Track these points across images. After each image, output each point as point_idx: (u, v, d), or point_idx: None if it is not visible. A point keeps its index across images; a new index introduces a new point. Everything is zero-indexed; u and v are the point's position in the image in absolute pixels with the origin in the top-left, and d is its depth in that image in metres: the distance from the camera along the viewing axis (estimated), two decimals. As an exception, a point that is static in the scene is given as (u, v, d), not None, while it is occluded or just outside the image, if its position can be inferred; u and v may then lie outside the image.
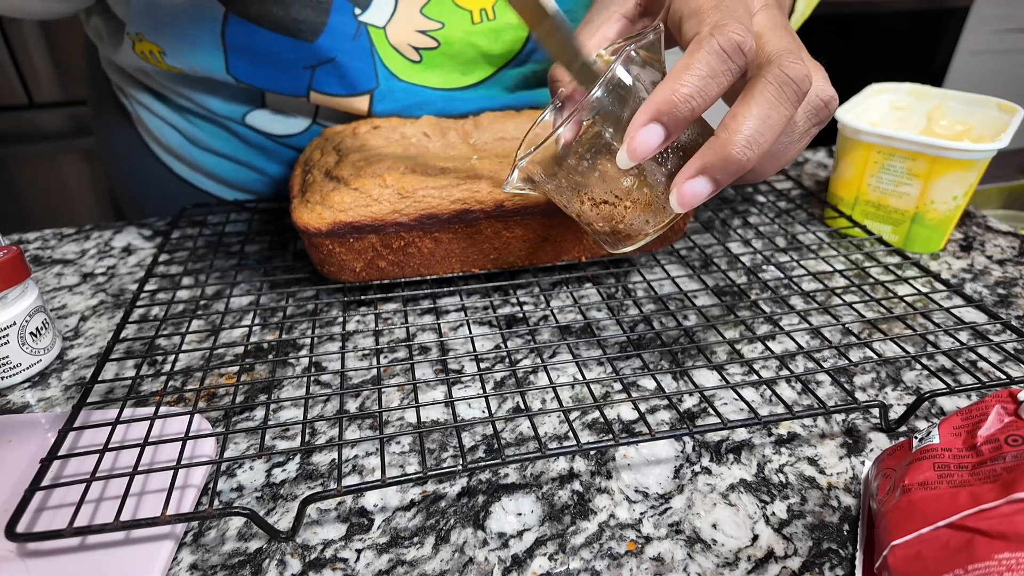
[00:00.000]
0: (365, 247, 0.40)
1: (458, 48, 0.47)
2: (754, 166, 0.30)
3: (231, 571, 0.28)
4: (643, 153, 0.28)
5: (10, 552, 0.28)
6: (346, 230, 0.39)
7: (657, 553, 0.29)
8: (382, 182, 0.39)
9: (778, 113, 0.28)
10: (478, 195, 0.40)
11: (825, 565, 0.28)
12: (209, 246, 0.52)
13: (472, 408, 0.37)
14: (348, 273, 0.42)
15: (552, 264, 0.45)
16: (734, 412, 0.36)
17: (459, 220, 0.40)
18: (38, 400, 0.38)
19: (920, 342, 0.41)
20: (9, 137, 1.31)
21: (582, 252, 0.45)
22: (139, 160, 0.58)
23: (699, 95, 0.27)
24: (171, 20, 0.45)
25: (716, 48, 0.27)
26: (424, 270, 0.43)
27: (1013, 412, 0.26)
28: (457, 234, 0.41)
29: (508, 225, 0.42)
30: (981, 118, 0.52)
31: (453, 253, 0.42)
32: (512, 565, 0.28)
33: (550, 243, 0.43)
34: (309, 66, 0.46)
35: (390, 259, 0.41)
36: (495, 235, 0.42)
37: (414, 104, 0.49)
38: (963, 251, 0.52)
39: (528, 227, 0.42)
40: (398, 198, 0.39)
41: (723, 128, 0.28)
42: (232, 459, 0.30)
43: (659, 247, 0.46)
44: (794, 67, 0.28)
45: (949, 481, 0.25)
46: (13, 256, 0.37)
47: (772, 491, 0.32)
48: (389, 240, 0.40)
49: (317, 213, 0.39)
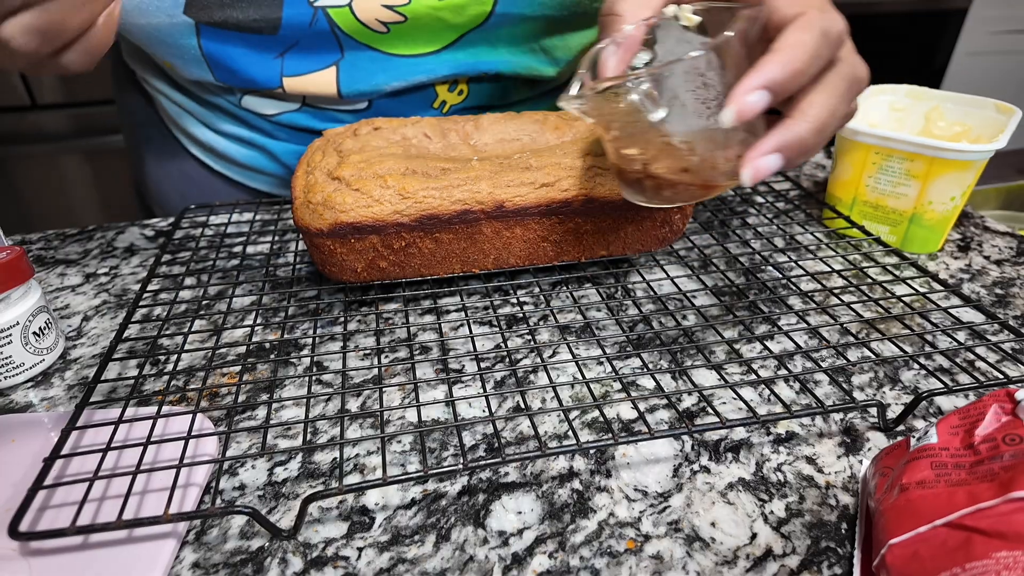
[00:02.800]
0: (366, 247, 0.41)
1: (424, 21, 0.48)
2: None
3: (233, 569, 0.28)
4: (749, 115, 0.29)
5: (13, 551, 0.28)
6: (347, 230, 0.39)
7: (656, 551, 0.29)
8: (383, 183, 0.39)
9: (845, 107, 0.30)
10: (478, 195, 0.40)
11: (823, 563, 0.28)
12: (211, 246, 0.52)
13: (472, 407, 0.37)
14: (349, 273, 0.42)
15: (552, 264, 0.45)
16: (733, 411, 0.36)
17: (460, 220, 0.40)
18: (41, 399, 0.38)
19: (918, 342, 0.41)
20: (12, 138, 1.31)
21: (581, 253, 0.45)
22: (161, 144, 0.62)
23: (805, 73, 0.29)
24: (162, 49, 0.49)
25: (824, 31, 0.29)
26: (425, 270, 0.43)
27: (1010, 411, 0.26)
28: (458, 234, 0.41)
29: (508, 225, 0.42)
30: (979, 119, 0.52)
31: (454, 254, 0.42)
32: (512, 563, 0.28)
33: (550, 244, 0.44)
34: (278, 55, 0.49)
35: (391, 259, 0.42)
36: (495, 235, 0.42)
37: (379, 70, 0.50)
38: (961, 251, 0.52)
39: (528, 227, 0.42)
40: (399, 199, 0.39)
41: (800, 113, 0.30)
42: (234, 458, 0.30)
43: (658, 247, 0.47)
44: (863, 67, 0.31)
45: (947, 480, 0.25)
46: (16, 256, 0.37)
47: (770, 490, 0.32)
48: (390, 240, 0.40)
49: (319, 214, 0.39)
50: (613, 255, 0.46)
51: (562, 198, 0.41)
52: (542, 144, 0.46)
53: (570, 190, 0.41)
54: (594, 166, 0.42)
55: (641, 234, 0.45)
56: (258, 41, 0.48)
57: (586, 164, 0.42)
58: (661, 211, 0.43)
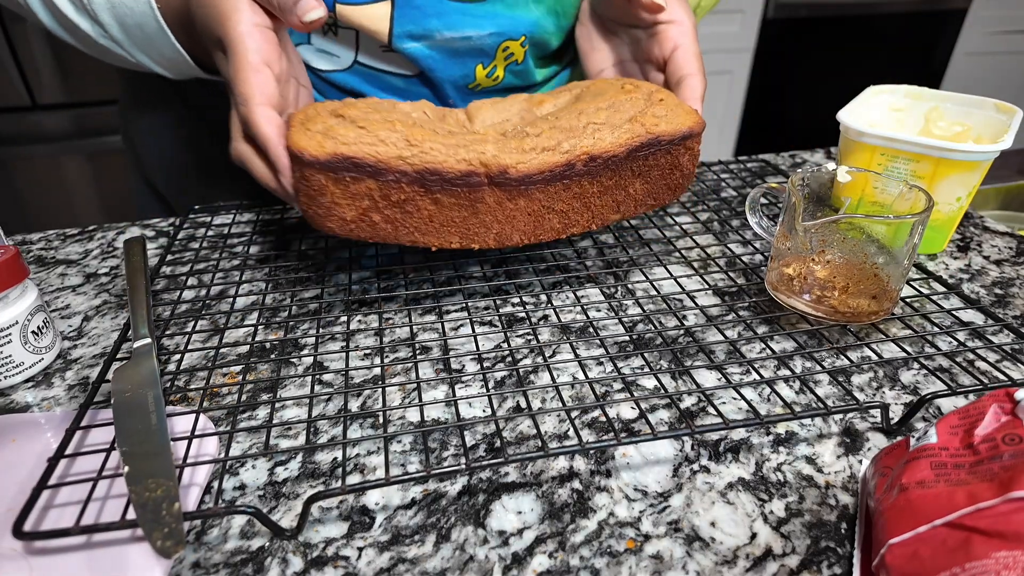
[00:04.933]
0: (361, 192, 0.37)
1: None
2: None
3: (233, 569, 0.28)
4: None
5: (14, 550, 0.28)
6: (346, 164, 0.36)
7: (656, 551, 0.29)
8: (391, 127, 0.37)
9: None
10: (483, 156, 0.38)
11: (823, 563, 0.28)
12: (213, 247, 0.52)
13: (473, 407, 0.37)
14: (336, 221, 0.38)
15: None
16: (733, 411, 0.36)
17: (463, 183, 0.38)
18: (41, 400, 0.38)
19: (918, 342, 0.41)
20: (12, 138, 1.31)
21: (591, 220, 0.43)
22: (175, 133, 0.61)
23: None
24: None
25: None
26: (420, 236, 0.40)
27: (1010, 411, 0.26)
28: (459, 199, 0.39)
29: (511, 195, 0.40)
30: (979, 119, 0.52)
31: (453, 222, 0.40)
32: (512, 563, 0.28)
33: (556, 215, 0.41)
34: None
35: (386, 213, 0.38)
36: (498, 205, 0.40)
37: (434, 14, 0.50)
38: (961, 251, 0.52)
39: (532, 198, 0.40)
40: (405, 144, 0.37)
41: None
42: (236, 458, 0.30)
43: (672, 197, 0.46)
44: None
45: (946, 480, 0.25)
46: (11, 256, 0.37)
47: (770, 490, 0.32)
48: (388, 191, 0.37)
49: (317, 141, 0.36)
50: (626, 216, 0.44)
51: (564, 160, 0.39)
52: (532, 118, 0.45)
53: (571, 151, 0.39)
54: (591, 123, 0.41)
55: (650, 186, 0.43)
56: None
57: (582, 123, 0.41)
58: (668, 156, 0.42)
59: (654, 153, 0.41)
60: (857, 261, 0.39)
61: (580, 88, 0.47)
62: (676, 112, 0.42)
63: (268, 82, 0.38)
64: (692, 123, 0.42)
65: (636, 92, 0.43)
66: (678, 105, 0.43)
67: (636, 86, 0.44)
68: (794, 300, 0.41)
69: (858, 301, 0.39)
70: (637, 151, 0.41)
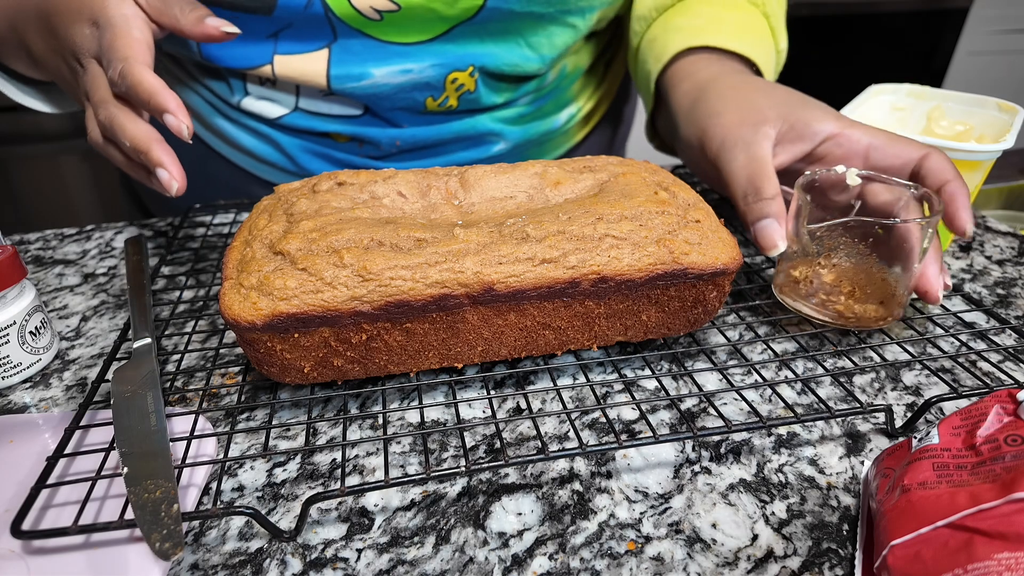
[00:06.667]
0: (315, 343, 0.33)
1: (417, 12, 0.50)
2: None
3: (232, 571, 0.28)
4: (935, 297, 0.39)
5: (12, 550, 0.28)
6: (290, 323, 0.31)
7: (657, 553, 0.29)
8: (338, 260, 0.32)
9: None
10: (461, 276, 0.32)
11: (825, 565, 0.28)
12: (212, 247, 0.52)
13: (473, 408, 0.37)
14: (294, 374, 0.34)
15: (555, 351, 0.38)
16: (735, 412, 0.36)
17: (437, 308, 0.33)
18: (39, 400, 0.38)
19: (920, 343, 0.41)
20: (10, 138, 1.31)
21: (592, 340, 0.37)
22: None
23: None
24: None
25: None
26: (393, 367, 0.35)
27: (1012, 412, 0.26)
28: (435, 324, 0.34)
29: (500, 311, 0.34)
30: (981, 118, 0.52)
31: (430, 346, 0.35)
32: (512, 565, 0.28)
33: (552, 331, 0.36)
34: (271, 35, 0.50)
35: (349, 356, 0.34)
36: (483, 324, 0.34)
37: (370, 57, 0.51)
38: (962, 251, 0.52)
39: (524, 313, 0.35)
40: (358, 281, 0.31)
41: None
42: (235, 459, 0.30)
43: (686, 330, 0.40)
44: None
45: (948, 481, 0.25)
46: (9, 256, 0.37)
47: (772, 491, 0.32)
48: (347, 334, 0.33)
49: (252, 302, 0.31)
50: (632, 340, 0.38)
51: (568, 277, 0.33)
52: (541, 204, 0.38)
53: (578, 267, 0.33)
54: (608, 236, 0.34)
55: (666, 316, 0.37)
56: (252, 20, 0.49)
57: (598, 233, 0.34)
58: (693, 290, 0.36)
59: (677, 284, 0.35)
60: (865, 266, 0.39)
61: (607, 175, 0.40)
62: (711, 241, 0.35)
63: (149, 53, 0.39)
64: (728, 259, 0.35)
65: (670, 205, 0.36)
66: (715, 231, 0.36)
67: (673, 195, 0.38)
68: (800, 304, 0.41)
69: (865, 306, 0.39)
70: (658, 279, 0.35)
